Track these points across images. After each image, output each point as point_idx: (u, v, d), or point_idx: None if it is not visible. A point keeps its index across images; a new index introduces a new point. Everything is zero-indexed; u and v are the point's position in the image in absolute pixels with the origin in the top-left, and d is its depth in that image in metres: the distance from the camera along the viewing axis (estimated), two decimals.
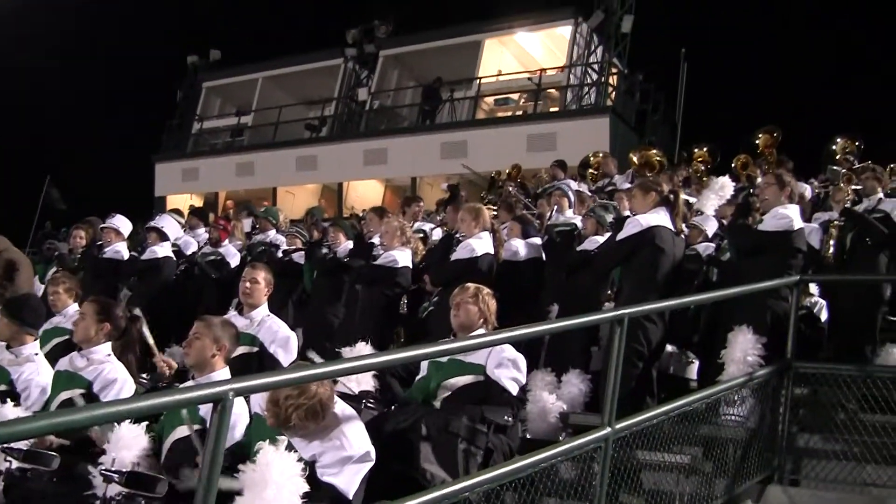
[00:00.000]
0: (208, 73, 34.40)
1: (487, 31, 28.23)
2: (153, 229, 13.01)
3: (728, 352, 7.65)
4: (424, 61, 29.43)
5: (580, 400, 8.38)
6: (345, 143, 28.78)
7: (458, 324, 6.73)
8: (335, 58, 30.96)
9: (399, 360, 5.26)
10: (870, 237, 9.85)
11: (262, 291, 8.03)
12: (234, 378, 4.09)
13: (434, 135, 26.77)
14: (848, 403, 7.19)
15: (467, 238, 9.61)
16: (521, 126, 25.37)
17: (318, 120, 31.01)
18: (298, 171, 29.35)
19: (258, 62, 33.01)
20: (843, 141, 14.95)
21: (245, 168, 30.44)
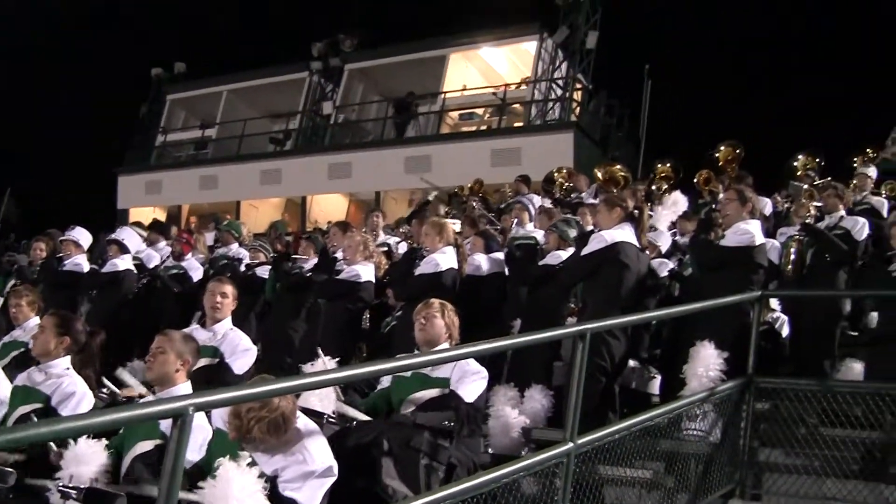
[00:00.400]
0: (173, 86, 34.27)
1: (452, 46, 28.29)
2: (113, 242, 12.94)
3: (690, 367, 7.67)
4: (390, 75, 29.44)
5: (542, 415, 8.38)
6: (309, 156, 28.74)
7: (424, 338, 6.69)
8: (300, 71, 30.88)
9: (362, 375, 5.25)
10: (829, 253, 9.95)
11: (229, 305, 8.03)
12: (194, 393, 4.07)
13: (398, 149, 26.76)
14: (808, 418, 7.22)
15: (431, 253, 9.60)
16: (485, 141, 25.41)
17: (282, 133, 30.98)
18: (262, 184, 29.24)
19: (223, 75, 32.87)
20: (805, 157, 15.10)
21: (209, 181, 30.29)
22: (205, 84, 33.30)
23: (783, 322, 10.00)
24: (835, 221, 10.55)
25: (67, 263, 12.49)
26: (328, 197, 29.12)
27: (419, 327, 6.72)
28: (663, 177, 15.65)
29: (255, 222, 24.80)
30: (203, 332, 7.79)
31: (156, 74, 34.47)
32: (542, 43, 26.58)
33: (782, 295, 10.16)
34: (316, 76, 30.46)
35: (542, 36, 26.50)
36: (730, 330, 7.91)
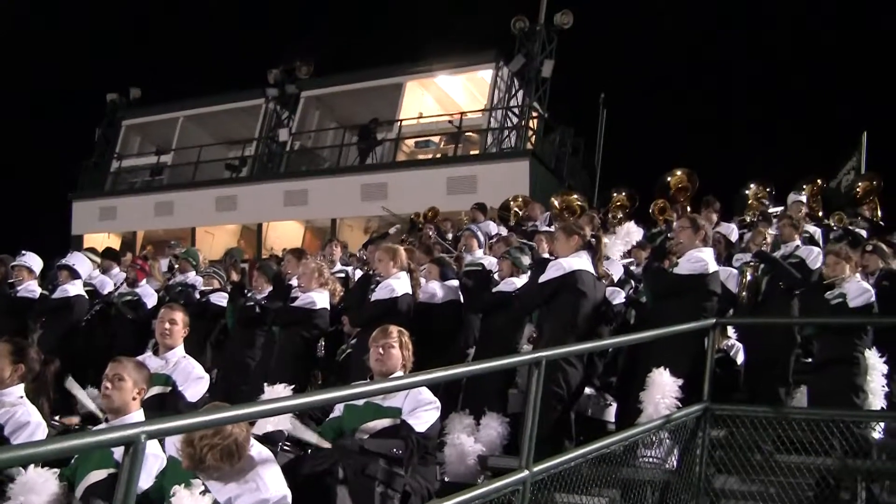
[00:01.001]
0: (128, 111, 34.08)
1: (409, 74, 28.24)
2: (64, 267, 12.82)
3: (646, 394, 7.69)
4: (346, 103, 29.44)
5: (498, 442, 8.39)
6: (265, 183, 28.61)
7: (380, 369, 6.65)
8: (256, 98, 30.80)
9: (317, 403, 5.22)
10: (783, 281, 10.04)
11: (179, 332, 7.92)
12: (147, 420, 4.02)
13: (354, 176, 26.68)
14: (764, 445, 7.26)
15: (385, 278, 9.58)
16: (441, 168, 25.42)
17: (238, 160, 30.83)
18: (218, 211, 29.09)
19: (179, 101, 32.73)
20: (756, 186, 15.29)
21: (164, 207, 30.09)
22: (160, 110, 33.17)
23: (738, 349, 10.07)
24: (790, 250, 10.69)
25: (20, 289, 12.38)
26: (284, 224, 29.01)
27: (376, 356, 6.67)
28: (619, 206, 15.75)
29: (211, 249, 24.70)
30: (155, 360, 7.71)
31: (111, 100, 34.26)
32: (498, 71, 26.66)
33: (737, 322, 10.21)
34: (272, 103, 30.41)
35: (499, 64, 26.59)
36: (685, 357, 7.94)
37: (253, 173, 29.86)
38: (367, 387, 5.64)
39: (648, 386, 7.72)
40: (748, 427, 7.29)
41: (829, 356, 8.49)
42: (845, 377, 8.19)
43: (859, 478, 7.16)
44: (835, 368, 8.32)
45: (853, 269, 8.87)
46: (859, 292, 8.57)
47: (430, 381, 5.77)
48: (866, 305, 8.52)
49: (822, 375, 8.53)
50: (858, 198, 15.67)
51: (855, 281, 8.74)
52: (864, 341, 8.42)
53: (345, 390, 5.40)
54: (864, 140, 19.92)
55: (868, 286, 8.74)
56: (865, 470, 7.10)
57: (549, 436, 7.46)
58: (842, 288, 8.71)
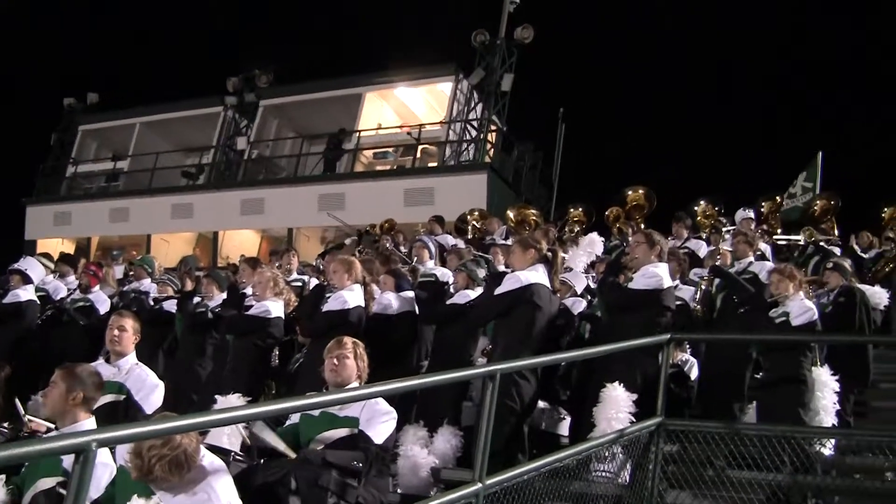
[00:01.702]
0: (85, 116, 33.85)
1: (368, 85, 28.22)
2: (16, 272, 12.70)
3: (599, 408, 7.70)
4: (305, 112, 29.34)
5: (452, 455, 8.38)
6: (222, 191, 28.48)
7: (335, 379, 6.63)
8: (215, 106, 30.71)
9: (270, 413, 5.18)
10: (736, 295, 10.12)
11: (129, 339, 7.83)
12: (97, 428, 3.97)
13: (312, 186, 26.63)
14: (716, 460, 7.28)
15: (339, 290, 9.55)
16: (399, 180, 25.41)
17: (195, 167, 30.68)
18: (174, 218, 28.93)
19: (137, 107, 32.62)
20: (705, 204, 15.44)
21: (119, 214, 29.88)
22: (118, 115, 32.94)
23: (692, 365, 10.12)
24: (744, 266, 10.79)
25: None
26: (240, 233, 28.92)
27: (331, 367, 6.66)
28: (576, 220, 15.85)
29: (166, 256, 24.47)
30: (108, 367, 7.63)
31: (68, 104, 34.04)
32: (457, 84, 26.68)
33: (692, 338, 10.26)
34: (230, 111, 30.35)
35: (458, 77, 26.62)
36: (639, 372, 7.96)
37: (210, 181, 29.70)
38: (322, 397, 5.61)
39: (602, 400, 7.73)
40: (701, 442, 7.31)
41: (776, 374, 8.59)
42: (792, 394, 8.29)
43: (809, 494, 7.21)
44: (782, 385, 8.41)
45: (797, 287, 8.97)
46: (802, 311, 8.70)
47: (386, 392, 5.76)
48: (809, 323, 8.65)
49: (769, 392, 8.62)
50: (816, 216, 15.81)
51: (798, 299, 8.84)
52: (810, 359, 8.51)
53: (299, 400, 5.37)
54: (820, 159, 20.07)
55: (811, 305, 8.86)
56: (815, 486, 7.15)
57: (502, 449, 7.46)
58: (785, 306, 8.81)
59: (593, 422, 7.69)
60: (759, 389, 9.15)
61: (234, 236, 28.95)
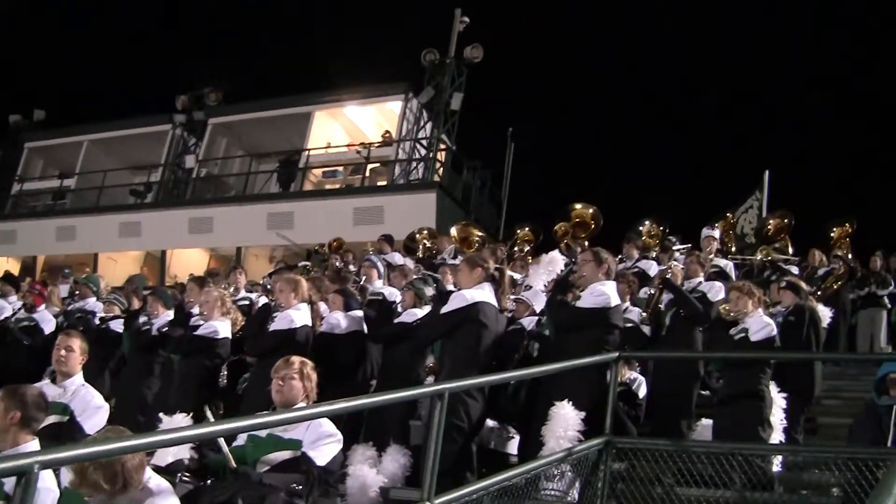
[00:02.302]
0: (31, 134, 33.57)
1: (318, 104, 28.24)
2: None
3: (548, 427, 7.70)
4: (254, 131, 29.30)
5: (401, 474, 8.36)
6: (170, 210, 28.27)
7: (281, 400, 6.58)
8: (163, 123, 30.52)
9: (217, 433, 5.14)
10: (684, 310, 10.19)
11: (76, 359, 7.72)
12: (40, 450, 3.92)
13: (260, 205, 26.52)
14: (664, 478, 7.30)
15: (286, 309, 9.50)
16: (348, 199, 25.36)
17: (143, 186, 30.38)
18: (121, 237, 28.65)
19: (84, 124, 32.26)
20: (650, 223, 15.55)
21: (66, 232, 29.57)
22: (65, 133, 32.70)
23: (640, 383, 10.14)
24: (693, 286, 10.88)
25: None
26: (188, 251, 28.69)
27: (276, 388, 6.60)
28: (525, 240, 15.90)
29: (114, 275, 24.27)
30: (53, 388, 7.51)
31: (13, 121, 33.71)
32: (407, 103, 26.72)
33: (639, 356, 10.30)
34: (179, 129, 30.16)
35: (408, 96, 26.65)
36: (587, 390, 7.97)
37: (158, 200, 29.49)
38: (268, 417, 5.56)
39: (551, 419, 7.73)
40: (649, 460, 7.33)
41: (734, 390, 8.58)
42: (751, 411, 8.30)
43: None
44: (741, 402, 8.41)
45: (756, 304, 9.00)
46: (760, 326, 8.73)
47: (332, 412, 5.71)
48: (767, 339, 8.66)
49: (728, 409, 8.61)
50: (770, 235, 15.93)
51: (757, 316, 8.87)
52: (768, 375, 8.55)
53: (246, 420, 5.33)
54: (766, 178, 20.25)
55: (769, 321, 8.89)
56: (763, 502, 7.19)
57: (451, 468, 7.43)
58: (744, 323, 8.85)
59: (542, 440, 7.70)
60: (717, 406, 9.18)
61: (182, 255, 28.71)
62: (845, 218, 15.97)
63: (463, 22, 26.35)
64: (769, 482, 7.34)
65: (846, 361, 13.54)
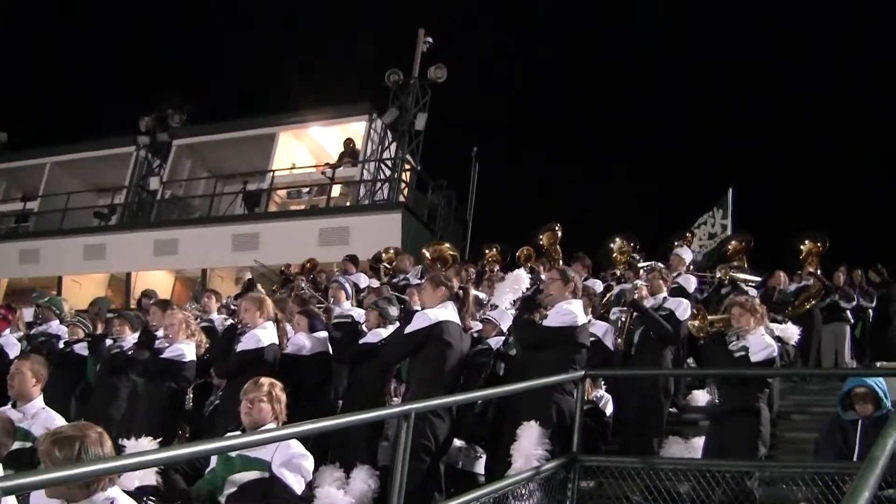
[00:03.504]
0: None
1: (282, 125, 28.21)
2: None
3: (516, 446, 7.71)
4: (218, 152, 29.23)
5: (369, 496, 8.34)
6: (134, 232, 28.09)
7: (250, 421, 6.58)
8: (127, 145, 30.38)
9: (184, 457, 5.12)
10: (653, 331, 10.22)
11: (28, 382, 7.66)
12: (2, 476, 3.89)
13: (225, 226, 26.43)
14: (633, 495, 7.32)
15: (252, 328, 9.47)
16: (313, 220, 25.28)
17: (107, 208, 30.15)
18: (86, 259, 28.39)
19: (47, 146, 32.05)
20: (621, 240, 15.64)
21: (29, 255, 29.28)
22: (27, 155, 32.44)
23: (607, 400, 10.17)
24: (658, 303, 10.90)
25: None
26: (154, 273, 28.47)
27: (245, 410, 6.62)
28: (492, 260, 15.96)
29: (78, 298, 24.09)
30: (14, 412, 7.47)
31: None
32: (371, 123, 26.74)
33: (606, 375, 10.32)
34: (143, 150, 30.01)
35: (372, 116, 26.68)
36: (554, 409, 7.99)
37: (122, 222, 29.29)
38: (236, 440, 5.53)
39: (518, 437, 7.75)
40: (617, 478, 7.34)
41: (730, 407, 8.55)
42: (747, 428, 8.24)
43: None
44: (737, 419, 8.37)
45: (758, 321, 8.85)
46: (762, 346, 8.54)
47: (300, 433, 5.69)
48: (768, 360, 8.51)
49: (723, 426, 8.57)
50: (728, 255, 16.02)
51: (759, 334, 8.72)
52: (766, 394, 8.52)
53: (212, 443, 5.31)
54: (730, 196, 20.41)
55: (771, 341, 8.69)
56: None
57: (418, 488, 7.44)
58: (745, 340, 8.75)
59: (510, 459, 7.70)
60: (711, 423, 9.16)
61: (148, 277, 28.49)
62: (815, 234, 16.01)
63: (426, 42, 26.44)
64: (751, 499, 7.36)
65: (811, 377, 13.60)
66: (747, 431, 8.24)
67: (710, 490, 7.03)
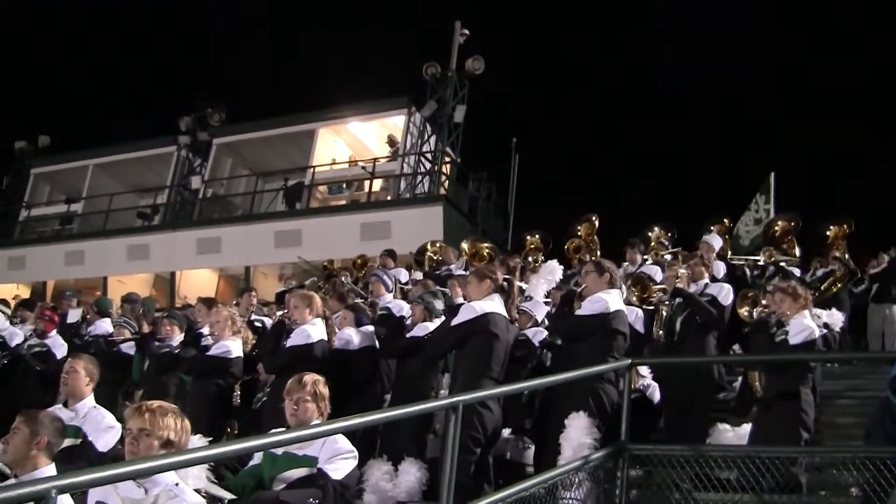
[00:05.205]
0: (37, 159, 33.52)
1: (321, 121, 28.16)
2: None
3: (564, 435, 7.70)
4: (258, 149, 29.29)
5: (418, 488, 8.32)
6: (177, 231, 28.28)
7: (296, 421, 6.59)
8: (168, 145, 30.54)
9: (233, 452, 5.12)
10: (699, 316, 10.15)
11: (81, 381, 7.75)
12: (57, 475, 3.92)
13: (267, 224, 26.50)
14: (682, 483, 7.28)
15: (300, 325, 9.51)
16: (354, 215, 25.30)
17: (150, 208, 30.43)
18: (130, 259, 28.63)
19: (89, 149, 32.25)
20: (659, 230, 15.55)
21: (75, 257, 29.56)
22: (70, 158, 32.70)
23: (654, 388, 10.12)
24: (700, 289, 10.83)
25: None
26: (197, 272, 28.69)
27: (290, 410, 6.63)
28: (534, 248, 15.90)
29: None
30: (66, 412, 7.56)
31: (19, 148, 33.71)
32: (410, 117, 26.70)
33: (652, 363, 10.28)
34: (184, 150, 30.16)
35: (411, 110, 26.63)
36: (599, 398, 7.98)
37: (165, 221, 29.50)
38: (284, 435, 5.55)
39: (566, 428, 7.74)
40: (666, 466, 7.31)
41: (775, 392, 8.51)
42: (791, 413, 8.21)
43: None
44: (780, 405, 8.33)
45: (799, 305, 8.86)
46: (800, 329, 8.56)
47: (347, 428, 5.71)
48: (806, 342, 8.50)
49: (768, 412, 8.54)
50: (776, 237, 15.84)
51: (799, 318, 8.72)
52: (809, 378, 8.46)
53: (260, 439, 5.32)
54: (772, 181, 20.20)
55: (810, 324, 8.69)
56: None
57: (468, 480, 7.44)
58: (787, 325, 8.71)
59: (558, 449, 7.69)
60: (758, 410, 9.12)
61: (191, 276, 28.71)
62: (842, 219, 15.83)
63: (463, 34, 26.36)
64: (797, 485, 7.32)
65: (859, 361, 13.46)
66: (789, 417, 8.22)
67: (758, 476, 6.98)
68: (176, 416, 4.99)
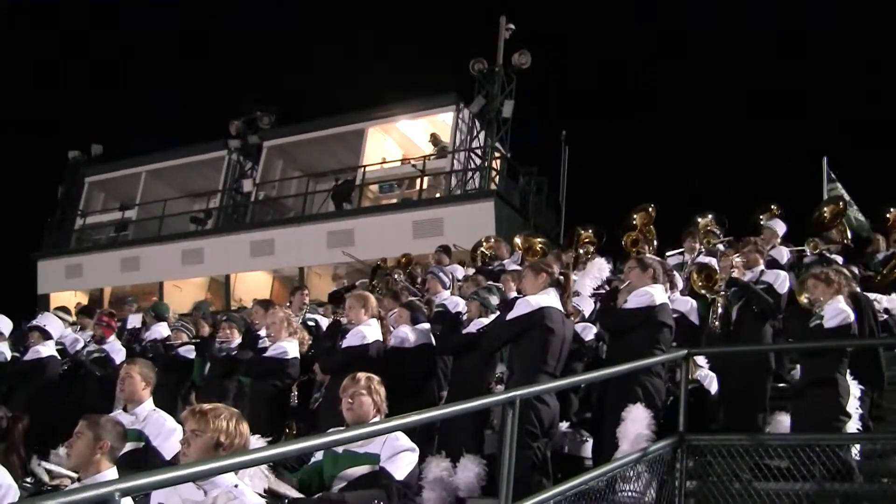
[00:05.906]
0: (90, 168, 33.78)
1: (370, 120, 28.16)
2: (35, 328, 12.76)
3: (621, 428, 7.69)
4: (308, 151, 29.40)
5: (476, 484, 8.35)
6: (231, 234, 28.44)
7: (353, 416, 6.61)
8: (219, 150, 30.74)
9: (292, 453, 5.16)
10: (756, 305, 10.08)
11: (137, 385, 7.82)
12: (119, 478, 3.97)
13: (320, 224, 26.60)
14: (742, 473, 7.25)
15: (355, 325, 9.56)
16: (406, 213, 25.30)
17: (203, 212, 30.65)
18: (184, 264, 28.87)
19: (141, 156, 32.55)
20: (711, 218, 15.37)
21: (130, 263, 29.87)
22: (123, 165, 32.96)
23: (711, 379, 10.06)
24: (756, 276, 10.75)
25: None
26: (251, 275, 28.89)
27: (347, 406, 6.64)
28: (587, 241, 15.82)
29: (179, 303, 24.42)
30: (126, 416, 7.64)
31: (73, 157, 33.98)
32: (458, 113, 26.64)
33: (708, 352, 10.22)
34: (235, 154, 30.33)
35: (459, 106, 26.56)
36: (654, 390, 7.97)
37: (218, 225, 29.68)
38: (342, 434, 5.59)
39: (623, 420, 7.73)
40: (725, 456, 7.27)
41: (809, 379, 8.46)
42: (826, 400, 8.14)
43: (838, 501, 7.16)
44: (816, 392, 8.27)
45: (833, 291, 8.77)
46: (834, 314, 8.47)
47: (406, 425, 5.74)
48: (840, 327, 8.41)
49: (803, 399, 8.50)
50: (826, 222, 15.62)
51: (834, 303, 8.64)
52: (845, 364, 8.38)
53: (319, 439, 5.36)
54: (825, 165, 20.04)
55: (845, 308, 8.58)
56: (843, 493, 7.11)
57: (526, 475, 7.45)
58: (822, 310, 8.66)
59: (616, 442, 7.68)
60: (793, 398, 9.07)
61: (246, 279, 28.91)
62: None
63: (509, 29, 26.30)
64: (848, 472, 7.25)
65: None
66: (826, 403, 8.13)
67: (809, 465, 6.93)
68: (229, 418, 5.03)
